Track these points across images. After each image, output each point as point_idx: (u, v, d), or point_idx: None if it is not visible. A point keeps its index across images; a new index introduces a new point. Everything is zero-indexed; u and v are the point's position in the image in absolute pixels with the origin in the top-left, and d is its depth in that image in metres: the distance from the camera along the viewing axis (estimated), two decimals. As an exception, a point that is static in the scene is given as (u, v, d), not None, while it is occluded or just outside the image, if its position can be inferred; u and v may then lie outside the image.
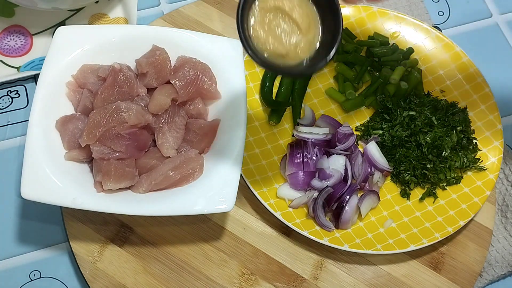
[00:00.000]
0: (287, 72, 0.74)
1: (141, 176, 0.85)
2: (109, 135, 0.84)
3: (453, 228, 0.93)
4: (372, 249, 0.90)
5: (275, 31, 0.69)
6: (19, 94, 1.06)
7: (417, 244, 0.91)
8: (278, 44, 0.68)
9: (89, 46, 0.90)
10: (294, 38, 0.69)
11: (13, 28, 1.10)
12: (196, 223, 0.94)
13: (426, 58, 1.08)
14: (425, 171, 0.96)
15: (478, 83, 1.04)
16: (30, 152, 0.81)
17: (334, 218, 0.93)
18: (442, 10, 1.22)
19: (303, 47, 0.69)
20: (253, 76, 1.03)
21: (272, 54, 0.68)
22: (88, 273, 0.89)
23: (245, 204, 0.96)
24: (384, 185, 0.98)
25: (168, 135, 0.87)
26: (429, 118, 0.97)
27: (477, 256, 0.95)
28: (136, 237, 0.92)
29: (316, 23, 0.70)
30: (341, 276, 0.92)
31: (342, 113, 1.05)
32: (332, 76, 1.08)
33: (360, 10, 1.10)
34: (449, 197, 0.97)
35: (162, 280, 0.90)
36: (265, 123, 1.01)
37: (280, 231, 0.95)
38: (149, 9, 1.16)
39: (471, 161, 0.98)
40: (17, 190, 0.96)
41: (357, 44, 1.09)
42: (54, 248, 0.94)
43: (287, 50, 0.68)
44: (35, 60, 1.07)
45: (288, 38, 0.69)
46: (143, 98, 0.89)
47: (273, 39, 0.68)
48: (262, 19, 0.68)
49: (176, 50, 0.92)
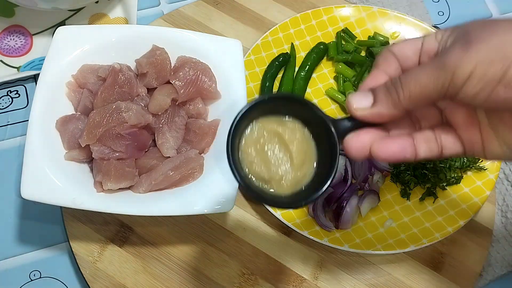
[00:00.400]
0: (271, 203, 0.73)
1: (141, 176, 0.85)
2: (109, 135, 0.84)
3: (453, 228, 0.93)
4: (372, 249, 0.91)
5: (267, 154, 0.64)
6: (19, 94, 1.06)
7: (417, 244, 0.91)
8: (265, 167, 0.64)
9: (89, 46, 0.90)
10: (283, 169, 0.64)
11: (13, 28, 1.10)
12: (196, 223, 0.94)
13: (426, 58, 1.08)
14: (425, 171, 0.96)
15: (478, 83, 1.04)
16: (30, 152, 0.81)
17: (334, 218, 0.93)
18: (442, 10, 1.22)
19: (288, 182, 0.64)
20: (253, 76, 1.03)
21: (254, 175, 0.64)
22: (88, 273, 0.89)
23: (245, 204, 0.96)
24: (384, 185, 0.98)
25: (168, 135, 0.87)
26: (429, 118, 0.97)
27: (477, 256, 0.95)
28: (136, 237, 0.92)
29: (311, 163, 0.65)
30: (341, 276, 0.92)
31: (342, 113, 1.05)
32: (332, 76, 1.08)
33: (360, 10, 1.10)
34: (449, 197, 0.97)
35: (162, 280, 0.90)
36: (265, 123, 1.01)
37: (280, 231, 0.95)
38: (149, 9, 1.16)
39: (471, 161, 0.98)
40: (17, 190, 0.96)
41: (357, 44, 1.09)
42: (54, 248, 0.94)
43: (270, 177, 0.64)
44: (35, 60, 1.07)
45: (276, 166, 0.64)
46: (143, 98, 0.89)
47: (261, 161, 0.64)
48: (258, 137, 0.64)
49: (176, 50, 0.92)
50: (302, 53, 1.08)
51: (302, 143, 0.64)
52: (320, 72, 1.08)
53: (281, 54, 1.05)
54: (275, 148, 0.64)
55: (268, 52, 1.05)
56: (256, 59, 1.04)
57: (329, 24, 1.09)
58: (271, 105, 0.64)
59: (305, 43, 1.08)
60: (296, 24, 1.08)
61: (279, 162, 0.64)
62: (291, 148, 0.64)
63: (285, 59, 1.05)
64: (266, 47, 1.06)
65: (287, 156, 0.64)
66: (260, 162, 0.64)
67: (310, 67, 1.05)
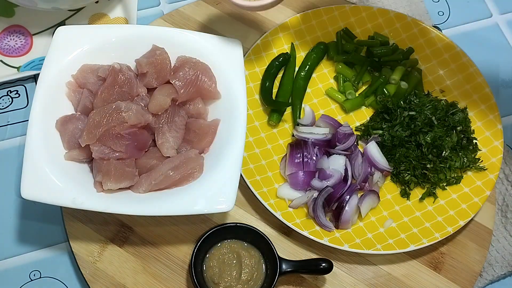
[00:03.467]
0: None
1: (141, 176, 0.85)
2: (109, 135, 0.84)
3: (453, 228, 0.93)
4: (372, 249, 0.90)
5: (223, 262, 0.87)
6: (19, 94, 1.06)
7: (417, 244, 0.91)
8: (220, 271, 0.87)
9: (89, 46, 0.90)
10: (229, 278, 0.86)
11: (13, 28, 1.10)
12: (196, 223, 0.94)
13: (426, 58, 1.08)
14: (425, 171, 0.96)
15: (478, 83, 1.04)
16: (30, 152, 0.81)
17: (334, 218, 0.93)
18: (442, 10, 1.22)
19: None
20: (253, 76, 1.03)
21: (209, 277, 0.87)
22: (88, 273, 0.89)
23: (245, 204, 0.96)
24: (384, 185, 0.98)
25: (168, 135, 0.87)
26: (429, 118, 0.97)
27: (477, 256, 0.95)
28: (136, 237, 0.92)
29: (256, 284, 0.87)
30: (341, 276, 0.92)
31: (342, 113, 1.05)
32: (332, 76, 1.08)
33: (360, 10, 1.09)
34: (449, 197, 0.97)
35: (162, 280, 0.90)
36: (265, 123, 1.01)
37: (280, 231, 0.95)
38: (149, 9, 1.16)
39: (471, 161, 0.98)
40: (17, 190, 0.96)
41: (357, 44, 1.09)
42: (54, 248, 0.94)
43: (218, 281, 0.86)
44: (35, 60, 1.07)
45: (226, 274, 0.86)
46: (143, 98, 0.89)
47: (217, 268, 0.87)
48: (223, 252, 0.88)
49: (176, 50, 0.92)
50: (302, 53, 1.08)
51: (255, 266, 0.87)
52: (320, 72, 1.08)
53: (281, 54, 1.05)
54: (231, 259, 0.88)
55: (268, 52, 1.05)
56: (256, 59, 1.04)
57: (329, 24, 1.09)
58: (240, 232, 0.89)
59: (305, 43, 1.08)
60: (296, 24, 1.08)
61: (229, 272, 0.87)
62: (242, 261, 0.87)
63: (285, 59, 1.05)
64: (266, 47, 1.05)
65: (237, 269, 0.87)
66: (217, 268, 0.87)
67: (310, 67, 1.05)
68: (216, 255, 0.88)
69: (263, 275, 0.88)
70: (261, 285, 0.87)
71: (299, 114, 1.02)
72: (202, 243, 0.86)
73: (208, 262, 0.88)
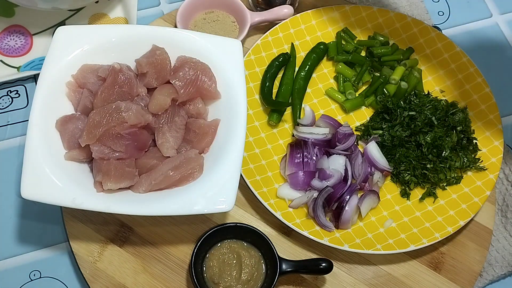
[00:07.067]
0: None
1: (141, 176, 0.85)
2: (109, 135, 0.84)
3: (453, 228, 0.93)
4: (372, 249, 0.90)
5: (223, 262, 0.87)
6: (19, 94, 1.06)
7: (417, 244, 0.91)
8: (220, 271, 0.87)
9: (89, 46, 0.90)
10: (229, 278, 0.86)
11: (13, 28, 1.10)
12: (196, 223, 0.94)
13: (426, 58, 1.08)
14: (425, 171, 0.96)
15: (478, 83, 1.04)
16: (30, 152, 0.81)
17: (334, 218, 0.93)
18: (442, 10, 1.22)
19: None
20: (253, 76, 1.03)
21: (209, 277, 0.87)
22: (88, 273, 0.89)
23: (245, 204, 0.96)
24: (384, 185, 0.98)
25: (168, 135, 0.87)
26: (429, 118, 0.97)
27: (477, 256, 0.95)
28: (136, 237, 0.92)
29: (256, 284, 0.87)
30: (341, 276, 0.92)
31: (342, 113, 1.05)
32: (332, 76, 1.08)
33: (360, 10, 1.10)
34: (449, 197, 0.97)
35: (162, 280, 0.90)
36: (265, 123, 1.01)
37: (280, 231, 0.95)
38: (149, 9, 1.16)
39: (471, 161, 0.98)
40: (17, 190, 0.96)
41: (357, 44, 1.09)
42: (54, 248, 0.94)
43: (218, 281, 0.86)
44: (35, 60, 1.07)
45: (226, 274, 0.87)
46: (143, 98, 0.89)
47: (217, 268, 0.87)
48: (223, 252, 0.88)
49: (176, 50, 0.92)
50: (302, 53, 1.08)
51: (255, 265, 0.87)
52: (320, 72, 1.08)
53: (281, 54, 1.05)
54: (231, 259, 0.88)
55: (268, 52, 1.05)
56: (256, 59, 1.04)
57: (329, 24, 1.09)
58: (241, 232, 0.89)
59: (305, 43, 1.08)
60: (296, 24, 1.08)
61: (230, 272, 0.87)
62: (242, 261, 0.87)
63: (285, 59, 1.05)
64: (266, 47, 1.06)
65: (237, 269, 0.87)
66: (217, 268, 0.87)
67: (310, 67, 1.06)
68: (216, 255, 0.88)
69: (263, 275, 0.88)
70: (261, 285, 0.87)
71: (299, 114, 1.02)
72: (202, 243, 0.86)
73: (208, 262, 0.88)
